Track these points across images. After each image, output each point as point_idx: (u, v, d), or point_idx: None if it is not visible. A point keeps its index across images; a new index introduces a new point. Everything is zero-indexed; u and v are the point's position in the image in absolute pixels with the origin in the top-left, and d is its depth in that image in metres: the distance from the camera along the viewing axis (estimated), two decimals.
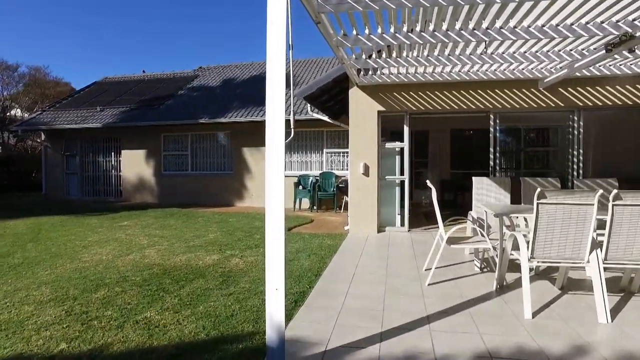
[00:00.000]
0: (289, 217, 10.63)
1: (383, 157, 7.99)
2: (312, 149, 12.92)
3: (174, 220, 10.24)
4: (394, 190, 8.07)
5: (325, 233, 8.16)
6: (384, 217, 8.08)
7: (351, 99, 7.86)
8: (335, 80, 7.75)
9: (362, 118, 7.82)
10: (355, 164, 7.87)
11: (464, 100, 7.54)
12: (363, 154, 7.83)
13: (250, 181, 13.23)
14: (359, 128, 7.85)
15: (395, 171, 8.02)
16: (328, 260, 5.89)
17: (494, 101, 7.46)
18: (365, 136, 7.82)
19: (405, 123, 7.87)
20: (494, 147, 7.66)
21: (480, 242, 4.66)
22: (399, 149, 7.99)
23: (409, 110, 7.76)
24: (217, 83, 16.02)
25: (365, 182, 7.84)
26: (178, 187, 13.84)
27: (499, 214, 4.40)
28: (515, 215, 4.94)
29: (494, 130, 7.65)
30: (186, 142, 14.00)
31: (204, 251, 6.52)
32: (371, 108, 7.80)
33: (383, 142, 7.97)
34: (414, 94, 7.67)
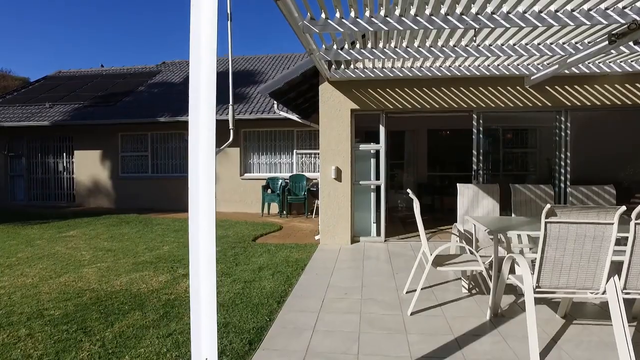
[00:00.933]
0: (256, 223, 9.82)
1: (357, 160, 7.27)
2: (281, 149, 12.11)
3: (128, 228, 9.23)
4: (368, 196, 7.37)
5: (293, 243, 7.39)
6: (358, 226, 7.37)
7: (321, 96, 7.10)
8: (304, 75, 6.98)
9: (334, 117, 7.08)
10: (326, 168, 7.13)
11: (445, 99, 6.91)
12: (335, 156, 7.10)
13: (215, 184, 12.27)
14: (330, 128, 7.10)
15: (370, 175, 7.32)
16: (294, 279, 5.12)
17: (478, 100, 6.86)
18: (337, 137, 7.08)
19: (382, 123, 7.18)
20: (477, 149, 7.07)
21: (471, 264, 3.98)
22: (374, 151, 7.29)
23: (386, 109, 7.07)
24: (181, 79, 14.97)
25: (338, 188, 7.11)
26: (137, 190, 12.76)
27: (494, 231, 3.73)
28: None
29: (477, 131, 7.06)
30: (146, 142, 12.93)
31: (153, 270, 5.63)
32: (344, 106, 7.07)
33: (357, 144, 7.26)
34: (391, 91, 6.99)
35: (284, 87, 7.17)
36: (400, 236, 7.78)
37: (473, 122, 7.05)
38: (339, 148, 7.08)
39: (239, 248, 7.05)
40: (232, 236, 8.16)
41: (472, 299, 4.35)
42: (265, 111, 11.29)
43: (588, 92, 6.63)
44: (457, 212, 5.39)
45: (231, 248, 7.05)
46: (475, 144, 7.06)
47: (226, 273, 5.46)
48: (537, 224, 4.04)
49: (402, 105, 6.98)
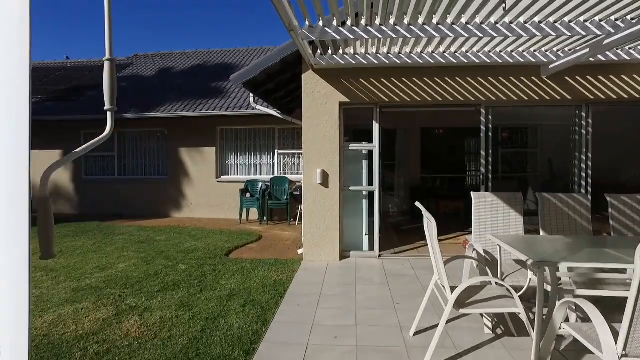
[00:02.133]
0: (232, 232, 8.72)
1: (346, 162, 6.25)
2: (262, 149, 11.02)
3: (84, 240, 8.04)
4: (360, 204, 6.35)
5: (272, 259, 6.34)
6: (348, 239, 6.35)
7: (305, 87, 6.06)
8: (285, 62, 5.93)
9: (320, 112, 6.04)
10: (311, 172, 6.08)
11: (449, 90, 5.93)
12: (321, 158, 6.06)
13: (189, 188, 11.15)
14: (316, 125, 6.06)
15: (362, 180, 6.30)
16: (271, 313, 4.07)
17: (487, 92, 5.90)
18: (324, 135, 6.05)
19: (375, 118, 6.17)
20: (486, 149, 6.11)
21: (504, 304, 2.98)
22: (366, 151, 6.28)
23: (380, 102, 6.06)
24: (153, 72, 13.75)
25: (324, 195, 6.07)
26: (103, 195, 11.52)
27: (541, 262, 2.74)
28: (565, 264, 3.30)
29: (485, 129, 6.10)
30: (112, 141, 11.68)
31: (95, 299, 4.51)
32: (331, 98, 6.03)
33: (346, 143, 6.23)
34: (387, 81, 5.98)
35: (260, 77, 6.10)
36: (395, 249, 6.78)
37: (481, 117, 6.09)
38: (326, 148, 6.05)
39: (208, 266, 5.97)
40: (202, 250, 7.06)
41: (500, 343, 3.36)
42: (244, 107, 10.19)
43: (614, 83, 5.73)
44: (461, 223, 4.39)
45: (199, 266, 5.96)
46: (483, 143, 6.11)
47: (186, 304, 4.37)
48: (595, 251, 3.08)
49: (399, 98, 5.98)
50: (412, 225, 9.28)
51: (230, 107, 10.34)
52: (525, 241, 3.42)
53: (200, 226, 9.64)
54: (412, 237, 7.89)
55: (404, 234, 8.20)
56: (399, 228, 8.96)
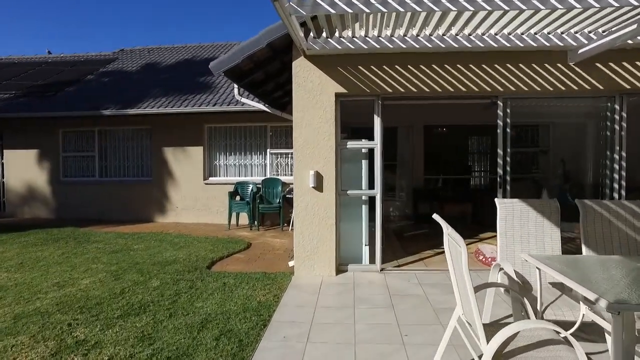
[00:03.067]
0: (219, 240, 7.93)
1: (343, 162, 5.46)
2: (252, 149, 10.22)
3: (52, 249, 7.23)
4: (359, 210, 5.56)
5: (260, 273, 5.56)
6: (345, 251, 5.56)
7: (296, 76, 5.26)
8: (272, 47, 5.14)
9: (313, 104, 5.25)
10: (303, 173, 5.29)
11: (462, 79, 5.15)
12: (314, 158, 5.27)
13: (174, 190, 10.34)
14: (308, 119, 5.27)
15: (362, 183, 5.51)
16: (249, 350, 3.28)
17: (505, 81, 5.12)
18: (318, 132, 5.25)
19: (376, 112, 5.38)
20: (504, 148, 5.33)
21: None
22: (366, 150, 5.49)
23: (383, 92, 5.27)
24: (138, 67, 12.93)
25: (318, 200, 5.28)
26: (82, 198, 10.69)
27: (622, 305, 1.93)
28: None
29: (502, 124, 5.32)
30: (93, 141, 10.87)
31: (35, 331, 3.71)
32: (326, 89, 5.24)
33: (343, 141, 5.44)
34: (390, 68, 5.19)
35: (244, 64, 5.30)
36: (399, 261, 5.99)
37: (498, 111, 5.30)
38: (320, 147, 5.25)
39: (185, 282, 5.17)
40: (182, 261, 6.27)
41: None
42: (232, 102, 9.39)
43: None
44: (469, 228, 3.59)
45: (174, 282, 5.16)
46: (500, 140, 5.32)
47: (148, 335, 3.58)
48: None
49: (404, 88, 5.19)
50: (416, 232, 8.51)
51: (218, 103, 9.55)
52: (575, 265, 2.63)
53: (185, 232, 8.84)
54: (417, 245, 7.11)
55: (407, 242, 7.42)
56: (402, 234, 8.18)
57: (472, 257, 6.22)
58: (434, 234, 8.27)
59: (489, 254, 5.89)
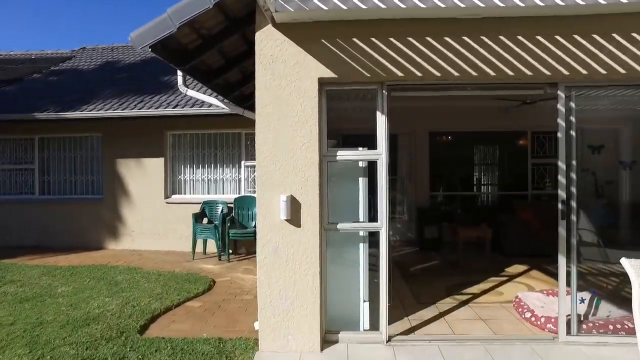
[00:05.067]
0: (175, 276, 6.21)
1: (332, 182, 3.71)
2: (225, 160, 8.46)
3: None
4: (355, 251, 3.81)
5: (214, 339, 3.86)
6: (335, 311, 3.77)
7: (261, 53, 3.54)
8: (223, 7, 3.42)
9: (286, 96, 3.52)
10: (269, 199, 3.52)
11: (505, 58, 3.45)
12: (287, 176, 3.51)
13: (129, 210, 8.51)
14: (278, 119, 3.53)
15: (359, 212, 3.76)
16: None
17: (571, 59, 3.43)
18: (292, 136, 3.51)
19: (380, 107, 3.65)
20: (567, 158, 3.61)
21: None
22: (364, 164, 3.76)
23: (389, 78, 3.54)
24: (95, 66, 11.16)
25: (293, 239, 3.51)
26: (17, 219, 8.80)
27: None
28: None
29: (565, 124, 3.61)
30: (32, 150, 9.03)
31: None
32: (305, 73, 3.51)
33: (331, 151, 3.69)
34: (400, 41, 3.48)
35: (184, 36, 3.57)
36: (410, 319, 4.23)
37: (559, 105, 3.59)
38: (296, 159, 3.50)
39: None
40: (110, 317, 4.50)
41: None
42: (198, 104, 7.66)
43: None
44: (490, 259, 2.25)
45: None
46: (562, 149, 3.61)
47: None
48: None
49: (421, 71, 3.47)
50: (424, 264, 6.78)
51: (180, 105, 7.81)
52: None
53: (137, 264, 7.05)
54: (431, 287, 5.38)
55: (416, 282, 5.67)
56: (407, 269, 6.44)
57: (510, 311, 4.47)
58: (447, 267, 6.54)
59: (538, 309, 4.15)
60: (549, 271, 6.15)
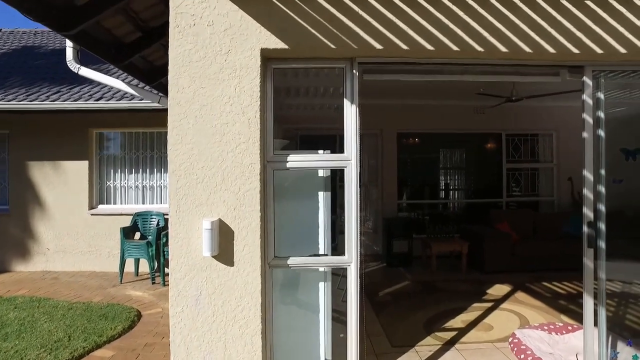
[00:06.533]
0: (90, 308, 5.06)
1: (279, 197, 2.62)
2: (163, 164, 7.18)
3: None
4: (313, 294, 2.74)
5: None
6: None
7: (177, 11, 2.41)
8: None
9: (213, 74, 2.42)
10: (188, 226, 2.39)
11: (520, 28, 2.50)
12: (213, 191, 2.40)
13: (44, 224, 7.03)
14: (201, 107, 2.41)
15: (318, 239, 2.70)
16: None
17: (604, 32, 2.54)
18: (221, 134, 2.41)
19: (349, 93, 2.60)
20: (596, 166, 2.71)
21: None
22: (325, 173, 2.71)
23: (363, 52, 2.50)
24: (9, 51, 9.48)
25: (222, 284, 2.40)
26: None
27: None
28: None
29: (592, 118, 2.71)
30: None
31: None
32: (242, 42, 2.42)
33: (280, 154, 2.60)
34: (378, 1, 2.46)
35: None
36: None
37: (584, 95, 2.69)
38: (227, 166, 2.40)
39: None
40: None
41: None
42: (126, 97, 6.35)
43: None
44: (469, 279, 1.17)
45: None
46: (590, 151, 2.69)
47: None
48: None
49: (407, 43, 2.45)
50: (395, 286, 5.83)
51: (106, 97, 6.48)
52: None
53: (46, 292, 5.69)
54: (403, 319, 4.42)
55: (386, 311, 4.70)
56: (375, 293, 5.46)
57: (507, 355, 3.56)
58: (421, 290, 5.62)
59: (547, 357, 3.24)
60: (535, 292, 5.40)
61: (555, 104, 7.37)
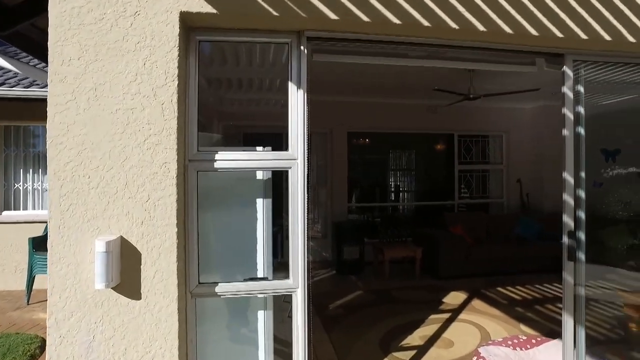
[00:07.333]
0: None
1: (206, 206, 2.05)
2: None
3: None
4: (250, 326, 2.19)
5: None
6: None
7: None
8: None
9: (110, 40, 1.80)
10: (75, 246, 1.76)
11: (501, 5, 2.10)
12: (112, 198, 1.78)
13: None
14: (96, 82, 1.79)
15: (257, 259, 2.15)
16: None
17: (595, 20, 2.20)
18: (127, 121, 1.81)
19: (294, 76, 2.08)
20: (577, 167, 2.37)
21: None
22: (265, 175, 2.17)
23: (313, 23, 2.00)
24: None
25: (126, 322, 1.79)
26: None
27: None
28: None
29: (573, 114, 2.37)
30: None
31: None
32: (154, 2, 1.81)
33: (206, 151, 2.03)
34: None
35: None
36: None
37: (563, 88, 2.35)
38: (133, 164, 1.79)
39: None
40: None
41: None
42: (36, 83, 5.44)
43: None
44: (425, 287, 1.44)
45: None
46: (571, 151, 2.35)
47: None
48: None
49: (368, 14, 1.97)
50: (347, 298, 5.38)
51: (9, 83, 5.51)
52: None
53: None
54: (360, 339, 3.96)
55: (339, 331, 4.20)
56: (326, 305, 4.97)
57: None
58: (375, 301, 5.20)
59: None
60: (491, 299, 5.17)
61: (506, 105, 7.30)
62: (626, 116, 2.79)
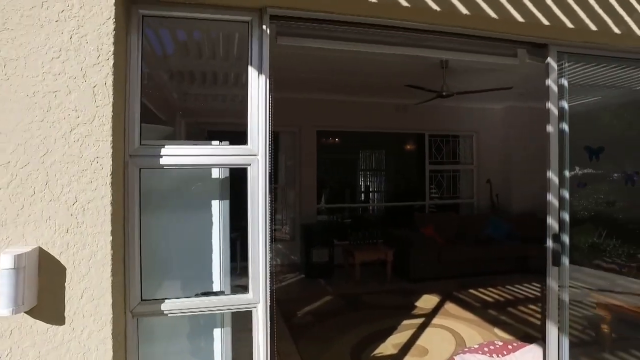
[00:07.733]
0: None
1: (150, 209, 1.75)
2: None
3: None
4: (205, 348, 1.90)
5: None
6: None
7: None
8: None
9: (25, 7, 1.49)
10: None
11: None
12: (29, 201, 1.47)
13: None
14: (7, 57, 1.45)
15: (212, 271, 1.87)
16: None
17: (582, 8, 2.05)
18: (45, 104, 1.47)
19: (255, 59, 1.81)
20: (561, 165, 2.21)
21: None
22: (222, 173, 1.89)
23: None
24: None
25: (44, 354, 1.46)
26: None
27: None
28: None
29: (557, 108, 2.21)
30: None
31: None
32: None
33: (151, 145, 1.73)
34: None
35: None
36: None
37: (548, 81, 2.19)
38: (57, 159, 1.48)
39: None
40: None
41: None
42: None
43: None
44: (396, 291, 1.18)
45: None
46: (555, 148, 2.18)
47: None
48: None
49: None
50: (316, 304, 5.13)
51: None
52: None
53: None
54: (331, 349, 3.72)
55: (309, 340, 3.95)
56: (294, 315, 4.69)
57: None
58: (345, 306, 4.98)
59: None
60: (464, 302, 5.05)
61: (476, 105, 7.26)
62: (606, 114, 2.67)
